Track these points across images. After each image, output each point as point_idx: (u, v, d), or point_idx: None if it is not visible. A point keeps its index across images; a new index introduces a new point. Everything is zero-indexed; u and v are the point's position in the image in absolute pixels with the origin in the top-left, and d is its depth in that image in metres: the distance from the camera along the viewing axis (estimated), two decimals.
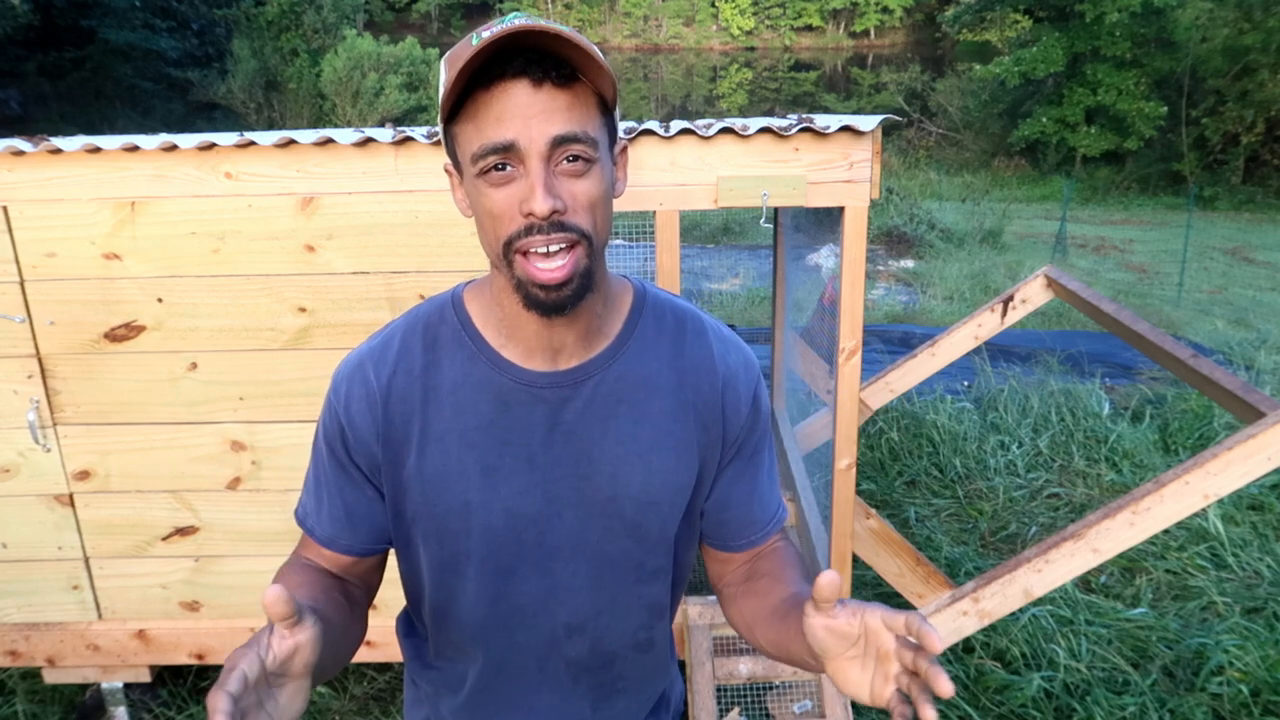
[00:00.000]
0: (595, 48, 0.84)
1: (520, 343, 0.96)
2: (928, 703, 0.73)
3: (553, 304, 0.87)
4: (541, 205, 0.83)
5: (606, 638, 1.06)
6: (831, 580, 0.78)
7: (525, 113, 0.83)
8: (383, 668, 2.92)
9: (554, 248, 0.85)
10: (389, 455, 0.98)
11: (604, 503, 0.99)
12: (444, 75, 0.85)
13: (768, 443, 1.10)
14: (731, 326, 4.89)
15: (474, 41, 0.81)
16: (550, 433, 0.97)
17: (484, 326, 0.98)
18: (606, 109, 0.89)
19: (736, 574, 1.11)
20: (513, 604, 1.03)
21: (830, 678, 0.83)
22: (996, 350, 5.79)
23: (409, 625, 1.17)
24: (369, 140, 2.12)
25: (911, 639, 0.76)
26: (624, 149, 0.97)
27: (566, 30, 0.81)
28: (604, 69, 0.84)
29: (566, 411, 0.97)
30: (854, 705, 2.68)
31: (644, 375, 1.00)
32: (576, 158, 0.85)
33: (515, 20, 0.80)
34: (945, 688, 0.70)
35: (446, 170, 0.96)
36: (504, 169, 0.85)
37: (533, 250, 0.85)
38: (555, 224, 0.84)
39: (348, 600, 1.01)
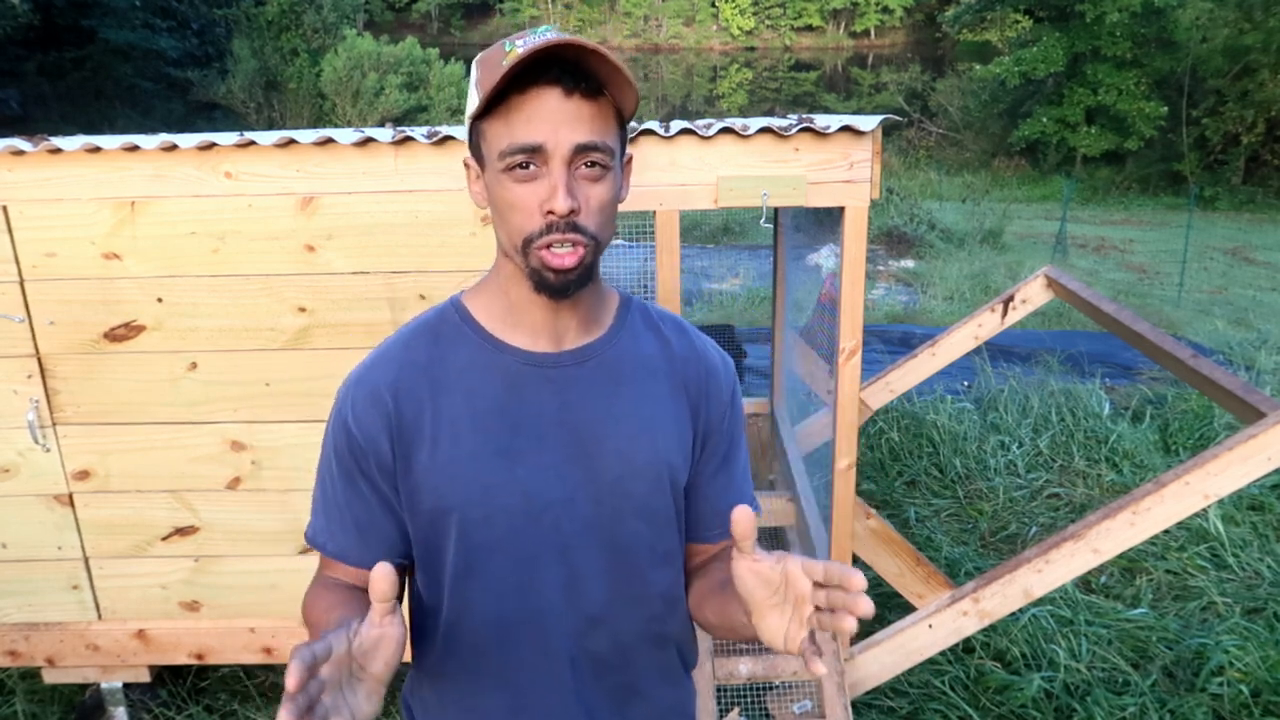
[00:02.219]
0: (625, 64, 0.92)
1: (525, 329, 1.03)
2: (846, 616, 0.76)
3: (559, 286, 0.96)
4: (562, 204, 0.91)
5: (624, 631, 1.08)
6: (744, 512, 0.82)
7: (554, 118, 0.91)
8: None
9: (568, 246, 0.94)
10: (402, 450, 1.01)
11: (613, 483, 1.04)
12: (476, 75, 0.94)
13: (743, 440, 1.17)
14: (731, 326, 4.91)
15: (507, 48, 0.90)
16: (559, 412, 1.02)
17: (487, 320, 1.04)
18: (622, 122, 0.98)
19: (705, 567, 1.13)
20: (535, 602, 1.04)
21: (755, 627, 0.86)
22: (996, 350, 5.79)
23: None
24: (369, 140, 2.12)
25: (834, 583, 0.78)
26: (629, 159, 1.04)
27: (601, 47, 0.89)
28: (629, 84, 0.92)
29: (572, 391, 1.03)
30: (854, 706, 2.68)
31: (640, 358, 1.07)
32: (594, 164, 0.94)
33: (551, 33, 0.89)
34: (866, 608, 0.75)
35: (466, 163, 1.02)
36: (528, 168, 0.93)
37: (550, 247, 0.94)
38: (570, 224, 0.93)
39: None
